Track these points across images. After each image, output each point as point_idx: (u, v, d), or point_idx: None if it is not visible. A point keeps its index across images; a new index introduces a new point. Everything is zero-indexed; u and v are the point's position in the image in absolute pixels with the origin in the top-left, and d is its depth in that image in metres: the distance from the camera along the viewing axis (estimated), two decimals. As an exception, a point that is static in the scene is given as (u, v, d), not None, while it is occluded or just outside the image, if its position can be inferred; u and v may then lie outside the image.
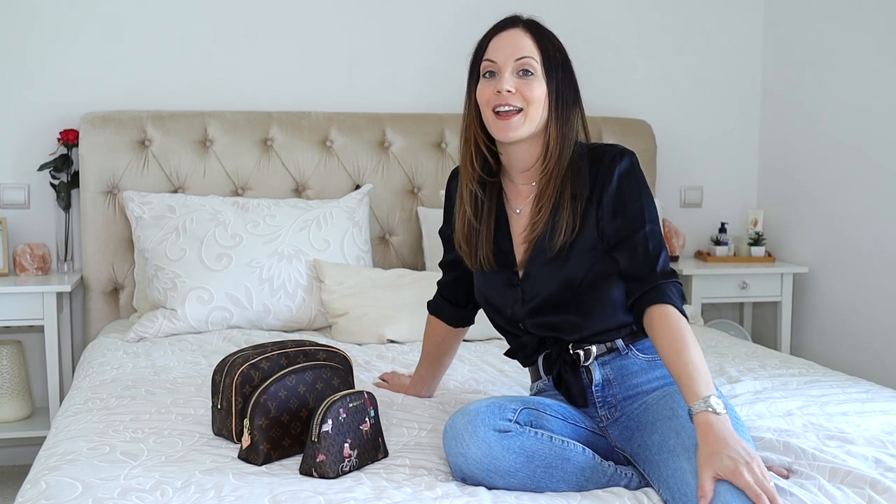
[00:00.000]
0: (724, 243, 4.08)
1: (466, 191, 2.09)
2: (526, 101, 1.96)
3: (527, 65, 1.96)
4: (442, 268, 2.32)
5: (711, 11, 4.19)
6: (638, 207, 1.96)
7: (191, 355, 2.82)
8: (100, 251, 3.45)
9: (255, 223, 3.26)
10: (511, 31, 1.99)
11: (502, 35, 2.00)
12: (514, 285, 2.07)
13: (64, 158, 3.47)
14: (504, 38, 1.99)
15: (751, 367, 2.75)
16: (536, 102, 1.96)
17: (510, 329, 2.14)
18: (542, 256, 2.01)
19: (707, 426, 1.67)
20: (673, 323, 1.85)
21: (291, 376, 1.95)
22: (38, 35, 3.52)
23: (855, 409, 2.29)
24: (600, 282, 1.98)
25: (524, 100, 1.96)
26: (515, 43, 1.98)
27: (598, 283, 1.98)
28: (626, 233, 1.95)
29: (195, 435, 2.05)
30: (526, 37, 1.98)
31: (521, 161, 2.05)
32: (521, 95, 1.96)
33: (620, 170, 1.97)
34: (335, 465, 1.81)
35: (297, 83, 3.77)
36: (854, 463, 1.87)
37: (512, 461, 1.77)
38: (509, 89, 1.95)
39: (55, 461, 1.87)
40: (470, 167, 2.08)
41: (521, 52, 1.97)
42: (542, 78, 1.97)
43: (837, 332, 3.84)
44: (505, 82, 1.95)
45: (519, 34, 1.99)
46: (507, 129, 1.96)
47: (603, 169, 1.98)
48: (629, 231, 1.95)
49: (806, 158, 4.00)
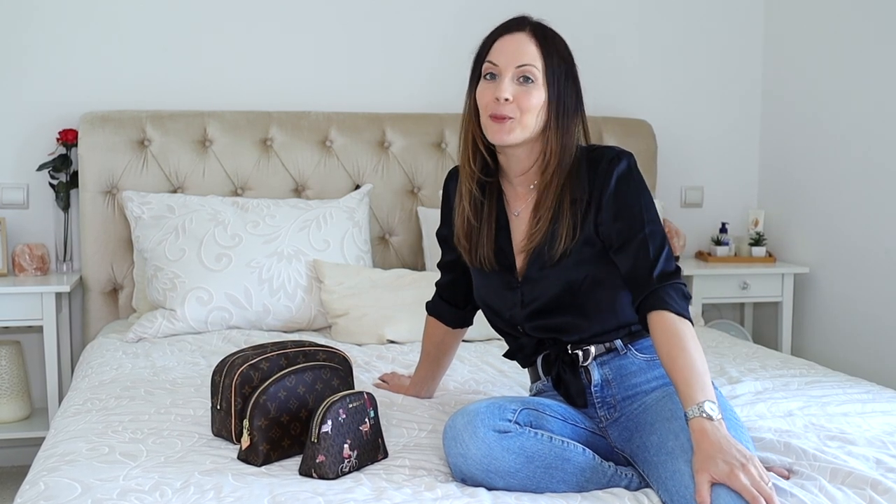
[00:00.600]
0: (725, 243, 4.08)
1: (465, 189, 2.09)
2: (521, 109, 1.94)
3: (527, 72, 1.94)
4: (440, 269, 2.33)
5: (712, 11, 4.19)
6: (637, 210, 1.96)
7: (190, 356, 2.82)
8: (99, 251, 3.45)
9: (255, 223, 3.26)
10: (516, 35, 1.97)
11: (507, 38, 1.98)
12: (513, 288, 2.07)
13: (63, 158, 3.47)
14: (508, 42, 1.97)
15: (751, 368, 2.76)
16: (532, 111, 1.95)
17: (509, 331, 2.14)
18: (542, 262, 2.02)
19: (701, 432, 1.67)
20: (669, 328, 1.84)
21: (291, 377, 1.95)
22: (37, 34, 3.53)
23: (856, 410, 2.30)
24: (600, 283, 1.99)
25: (519, 109, 1.94)
26: (519, 48, 1.95)
27: (598, 284, 1.99)
28: (627, 236, 1.95)
29: (194, 436, 2.05)
30: (531, 42, 1.96)
31: (519, 164, 2.04)
32: (518, 105, 1.94)
33: (619, 172, 1.97)
34: (335, 465, 1.81)
35: (296, 83, 3.77)
36: (855, 464, 1.87)
37: (512, 462, 1.77)
38: (507, 97, 1.93)
39: (54, 462, 1.88)
40: (468, 167, 2.08)
41: (523, 59, 1.95)
42: (543, 86, 1.95)
43: (838, 333, 3.84)
44: (504, 90, 1.94)
45: (524, 39, 1.96)
46: (501, 132, 1.96)
47: (601, 171, 1.98)
48: (629, 235, 1.95)
49: (807, 158, 4.00)
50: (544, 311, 2.03)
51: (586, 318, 2.00)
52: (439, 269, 2.33)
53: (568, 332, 2.03)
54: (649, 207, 1.97)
